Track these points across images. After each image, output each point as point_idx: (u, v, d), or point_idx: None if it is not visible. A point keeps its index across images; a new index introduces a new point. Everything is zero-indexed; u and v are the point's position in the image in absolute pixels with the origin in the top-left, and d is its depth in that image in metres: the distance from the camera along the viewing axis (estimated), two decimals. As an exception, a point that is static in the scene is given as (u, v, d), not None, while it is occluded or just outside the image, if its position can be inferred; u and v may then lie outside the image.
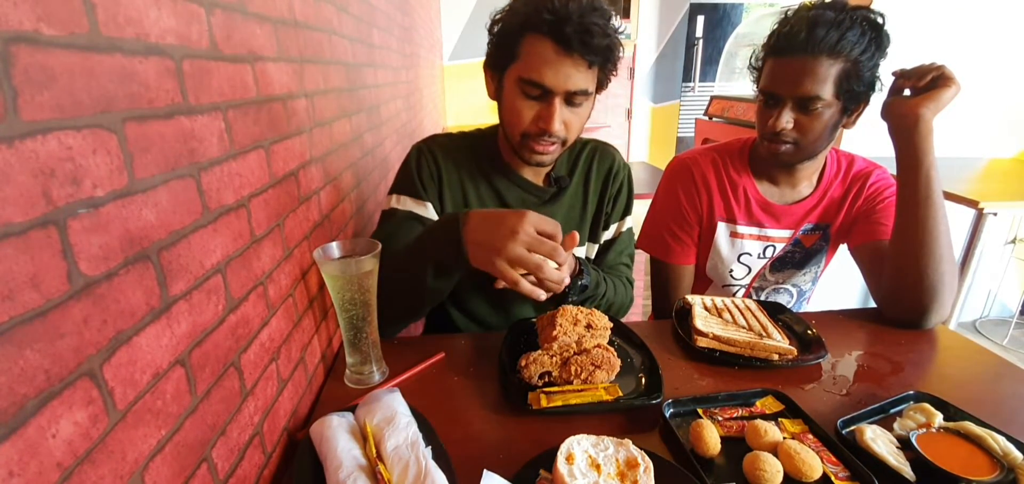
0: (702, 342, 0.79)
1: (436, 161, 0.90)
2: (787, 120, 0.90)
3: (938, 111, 0.81)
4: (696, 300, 0.90)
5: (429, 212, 0.88)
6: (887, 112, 0.87)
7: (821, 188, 1.04)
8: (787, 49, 0.88)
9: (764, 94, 0.94)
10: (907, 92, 0.86)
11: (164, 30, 0.42)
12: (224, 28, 0.52)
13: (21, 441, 0.28)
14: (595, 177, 0.97)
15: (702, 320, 0.83)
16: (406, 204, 0.88)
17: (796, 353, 0.77)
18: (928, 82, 0.82)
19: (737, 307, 0.89)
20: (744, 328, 0.82)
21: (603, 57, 0.76)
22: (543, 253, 0.69)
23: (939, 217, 0.83)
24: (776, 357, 0.76)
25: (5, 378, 0.27)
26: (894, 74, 0.87)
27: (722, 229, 1.08)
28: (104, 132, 0.35)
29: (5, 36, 0.28)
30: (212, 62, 0.49)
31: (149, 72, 0.40)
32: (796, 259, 1.10)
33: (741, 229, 1.07)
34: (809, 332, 0.83)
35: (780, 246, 1.08)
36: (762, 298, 1.13)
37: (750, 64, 1.00)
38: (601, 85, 0.82)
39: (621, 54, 0.79)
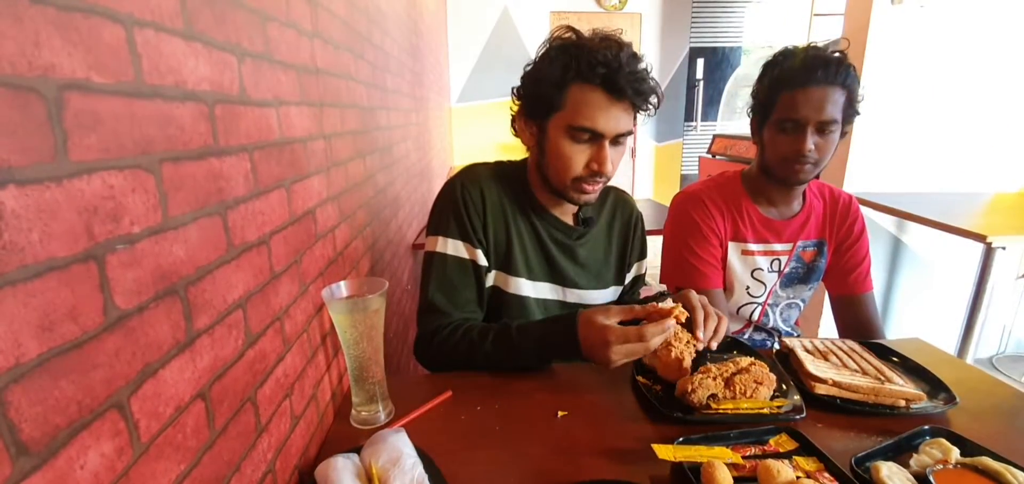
0: (821, 389, 0.75)
1: (482, 196, 0.89)
2: (812, 143, 1.00)
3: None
4: (795, 343, 0.87)
5: (481, 260, 0.89)
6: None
7: (808, 204, 1.16)
8: (808, 81, 0.98)
9: (784, 122, 1.02)
10: None
11: (200, 78, 0.45)
12: (253, 75, 0.55)
13: (51, 472, 0.29)
14: (619, 222, 1.02)
15: (813, 364, 0.78)
16: (458, 250, 0.88)
17: (924, 398, 0.73)
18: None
19: (840, 348, 0.86)
20: (858, 372, 0.78)
21: (646, 100, 0.82)
22: (634, 343, 0.74)
23: None
24: (903, 403, 0.72)
25: (41, 408, 0.28)
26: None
27: (733, 248, 1.14)
28: (143, 172, 0.37)
29: (59, 83, 0.30)
30: (241, 107, 0.52)
31: (185, 116, 0.42)
32: (800, 274, 1.18)
33: (751, 246, 1.14)
34: (926, 373, 0.79)
35: (784, 260, 1.16)
36: (778, 312, 1.20)
37: (754, 96, 1.09)
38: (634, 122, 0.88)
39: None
